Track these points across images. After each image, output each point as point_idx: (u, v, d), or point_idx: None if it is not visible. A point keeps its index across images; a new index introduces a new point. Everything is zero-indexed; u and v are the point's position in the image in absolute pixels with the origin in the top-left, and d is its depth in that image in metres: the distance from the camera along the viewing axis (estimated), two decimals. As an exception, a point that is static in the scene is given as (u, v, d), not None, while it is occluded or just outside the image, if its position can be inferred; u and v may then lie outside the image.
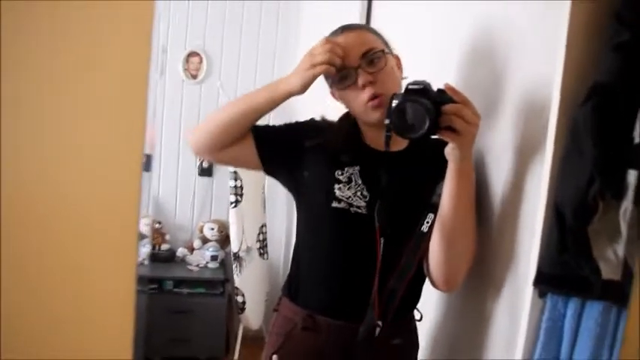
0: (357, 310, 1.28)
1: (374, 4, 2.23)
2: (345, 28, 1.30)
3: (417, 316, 1.41)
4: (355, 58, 1.24)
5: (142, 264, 3.00)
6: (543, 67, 1.06)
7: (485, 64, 1.30)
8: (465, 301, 1.37)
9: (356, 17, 2.23)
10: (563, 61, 0.96)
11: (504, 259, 1.19)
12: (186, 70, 3.58)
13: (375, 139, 1.32)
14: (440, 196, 1.21)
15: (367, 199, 1.28)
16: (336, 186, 1.29)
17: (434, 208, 1.23)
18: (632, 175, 0.89)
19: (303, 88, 1.24)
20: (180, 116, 3.60)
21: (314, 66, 1.21)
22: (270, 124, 1.42)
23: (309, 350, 1.35)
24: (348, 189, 1.29)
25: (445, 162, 1.16)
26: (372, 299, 1.26)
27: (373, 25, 2.16)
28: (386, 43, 1.33)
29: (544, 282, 1.03)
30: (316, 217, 1.36)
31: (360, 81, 1.24)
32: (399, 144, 1.31)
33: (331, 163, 1.32)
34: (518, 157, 1.16)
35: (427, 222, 1.25)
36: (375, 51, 1.26)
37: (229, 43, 3.61)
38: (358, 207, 1.28)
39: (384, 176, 1.24)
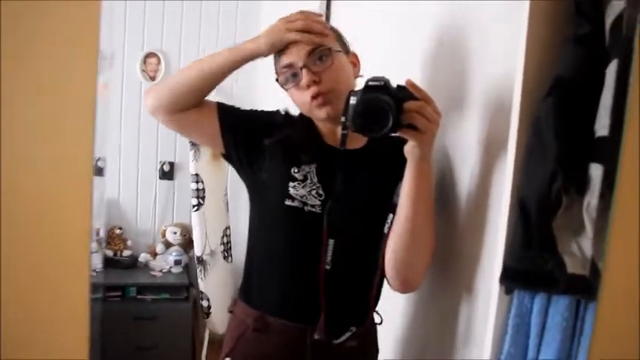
0: (309, 311, 1.26)
1: (333, 2, 2.21)
2: None
3: (377, 319, 1.38)
4: (302, 56, 1.23)
5: (96, 271, 2.94)
6: (505, 62, 1.06)
7: (448, 61, 1.30)
8: (432, 299, 1.37)
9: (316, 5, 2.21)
10: (524, 56, 0.95)
11: (470, 256, 1.18)
12: (144, 71, 3.50)
13: (333, 137, 1.31)
14: (399, 195, 1.19)
15: (322, 198, 1.26)
16: (291, 184, 1.27)
17: (394, 209, 1.20)
18: (594, 169, 0.89)
19: (271, 49, 1.24)
20: (139, 118, 3.51)
21: (289, 30, 1.20)
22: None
23: (260, 352, 1.32)
24: (303, 187, 1.26)
25: (403, 161, 1.14)
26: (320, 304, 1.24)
27: (332, 22, 2.14)
28: (340, 40, 1.31)
29: (510, 278, 1.02)
30: (269, 215, 1.34)
31: (304, 81, 1.22)
32: (357, 142, 1.29)
33: (288, 159, 1.29)
34: (482, 154, 1.15)
35: (387, 223, 1.22)
36: (322, 48, 1.23)
37: (187, 43, 3.54)
38: (312, 206, 1.26)
39: (339, 175, 1.22)
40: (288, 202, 1.27)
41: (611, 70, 0.83)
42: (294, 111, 1.37)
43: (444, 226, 1.27)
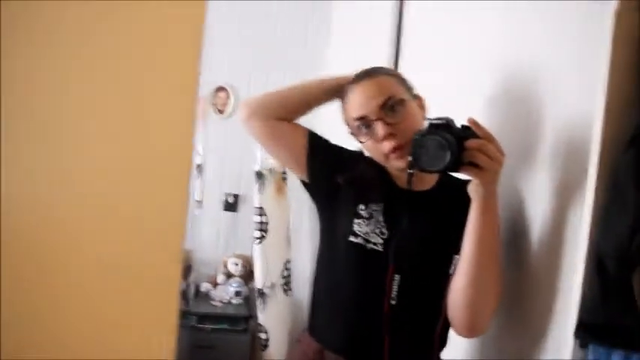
0: (368, 351, 1.27)
1: (403, 43, 2.23)
2: (366, 75, 1.31)
3: None
4: (374, 109, 1.25)
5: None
6: (582, 110, 1.05)
7: (521, 105, 1.30)
8: (503, 350, 1.34)
9: (385, 53, 2.24)
10: (604, 105, 0.94)
11: (544, 307, 1.15)
12: (213, 104, 3.61)
13: (402, 178, 1.31)
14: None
15: (385, 236, 1.27)
16: (356, 220, 1.29)
17: (459, 249, 1.20)
18: (677, 225, 0.87)
19: None
20: (207, 150, 3.62)
21: None
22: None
23: None
24: (367, 225, 1.28)
25: (467, 200, 1.14)
26: (384, 340, 1.24)
27: (402, 61, 2.17)
28: (408, 87, 1.32)
29: (585, 332, 1.00)
30: (334, 249, 1.36)
31: (381, 134, 1.23)
32: (426, 183, 1.31)
33: (356, 197, 1.32)
34: (557, 202, 1.13)
35: (453, 264, 1.21)
36: (395, 99, 1.25)
37: (256, 77, 3.63)
38: (375, 244, 1.27)
39: (404, 214, 1.23)
40: (351, 239, 1.29)
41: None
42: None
43: (517, 273, 1.25)
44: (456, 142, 1.06)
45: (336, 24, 3.52)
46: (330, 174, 1.35)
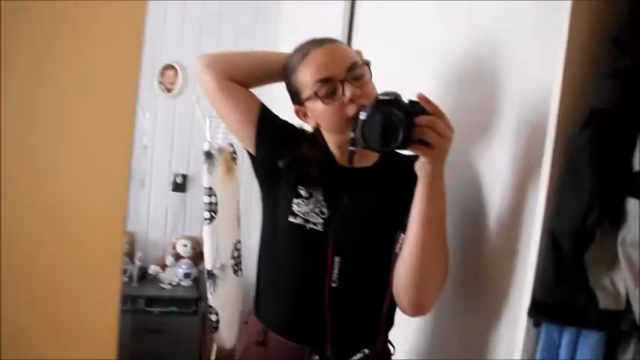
0: (310, 331, 1.25)
1: (357, 4, 2.19)
2: (326, 41, 1.26)
3: (390, 349, 1.35)
4: (342, 71, 1.19)
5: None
6: (540, 91, 1.04)
7: (479, 83, 1.29)
8: (455, 327, 1.34)
9: (338, 20, 2.20)
10: (561, 84, 0.94)
11: (498, 285, 1.16)
12: (160, 82, 3.50)
13: (344, 156, 1.25)
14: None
15: (325, 216, 1.24)
16: (295, 200, 1.26)
17: (405, 228, 1.16)
18: (631, 204, 0.87)
19: None
20: (155, 129, 3.52)
21: None
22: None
23: None
24: (307, 205, 1.25)
25: (412, 177, 1.10)
26: (326, 322, 1.23)
27: (355, 29, 2.14)
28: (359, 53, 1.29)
29: (539, 311, 1.00)
30: (274, 230, 1.33)
31: (348, 95, 1.17)
32: (368, 160, 1.27)
33: (297, 177, 1.28)
34: (514, 181, 1.13)
35: (398, 242, 1.18)
36: (358, 64, 1.21)
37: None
38: (315, 224, 1.24)
39: (345, 192, 1.20)
40: (291, 219, 1.26)
41: (653, 105, 0.82)
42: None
43: (473, 252, 1.25)
44: (406, 120, 1.01)
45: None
46: (276, 151, 1.31)
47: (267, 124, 1.34)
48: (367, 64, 1.24)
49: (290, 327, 1.30)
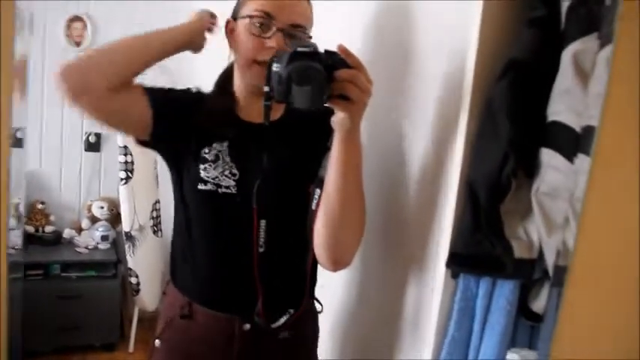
0: (238, 300, 1.21)
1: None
2: None
3: (317, 307, 1.34)
4: (287, 19, 1.14)
5: (15, 248, 2.78)
6: (457, 42, 1.03)
7: (396, 35, 1.26)
8: (378, 282, 1.35)
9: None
10: (478, 37, 0.93)
11: (418, 238, 1.16)
12: (68, 36, 3.28)
13: (249, 110, 1.22)
14: (326, 169, 1.10)
15: (236, 177, 1.18)
16: (202, 166, 1.18)
17: (321, 183, 1.12)
18: (545, 154, 0.88)
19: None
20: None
21: None
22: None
23: (188, 339, 1.26)
24: (215, 168, 1.18)
25: (326, 131, 1.05)
26: (255, 289, 1.18)
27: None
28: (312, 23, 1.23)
29: (457, 263, 1.02)
30: (186, 200, 1.25)
31: (273, 41, 1.12)
32: (273, 114, 1.14)
33: (198, 140, 1.20)
34: (433, 133, 1.13)
35: (315, 198, 1.14)
36: (304, 31, 1.16)
37: (117, 6, 3.33)
38: (227, 187, 1.18)
39: (257, 151, 1.15)
40: (201, 187, 1.18)
41: (567, 54, 0.82)
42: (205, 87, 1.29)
43: (391, 206, 1.25)
44: (327, 74, 0.94)
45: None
46: (175, 126, 1.21)
47: (160, 109, 1.20)
48: (310, 36, 1.18)
49: (217, 298, 1.24)
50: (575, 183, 0.82)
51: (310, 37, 1.18)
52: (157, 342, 1.30)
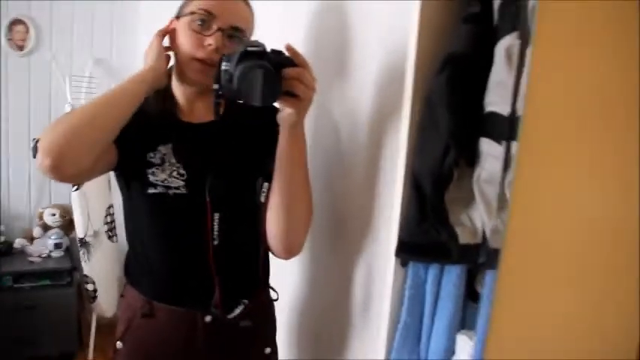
0: (196, 294, 1.24)
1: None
2: None
3: (273, 295, 1.37)
4: (227, 21, 1.17)
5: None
6: (397, 37, 1.06)
7: (338, 32, 1.29)
8: (329, 271, 1.38)
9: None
10: (417, 32, 0.96)
11: (367, 229, 1.20)
12: (10, 40, 3.19)
13: (189, 111, 1.25)
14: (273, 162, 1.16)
15: (185, 177, 1.20)
16: (149, 170, 1.20)
17: (268, 177, 1.18)
18: (484, 143, 0.92)
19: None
20: (7, 92, 3.22)
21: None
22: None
23: (150, 338, 1.28)
24: (162, 171, 1.20)
25: (271, 126, 1.11)
26: (211, 281, 1.22)
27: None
28: (253, 27, 1.26)
29: (405, 251, 1.05)
30: (136, 205, 1.26)
31: (213, 40, 1.15)
32: (211, 113, 1.16)
33: (142, 145, 1.21)
34: (376, 125, 1.16)
35: (263, 192, 1.19)
36: (242, 33, 1.19)
37: (59, 8, 3.26)
38: (177, 188, 1.20)
39: (201, 150, 1.19)
40: (151, 190, 1.20)
41: (500, 48, 0.86)
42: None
43: (340, 197, 1.28)
44: (275, 72, 1.00)
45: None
46: (124, 137, 1.15)
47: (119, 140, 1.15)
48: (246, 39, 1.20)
49: (176, 294, 1.26)
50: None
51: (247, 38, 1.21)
52: (119, 344, 1.31)
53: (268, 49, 1.03)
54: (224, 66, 1.02)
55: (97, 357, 3.16)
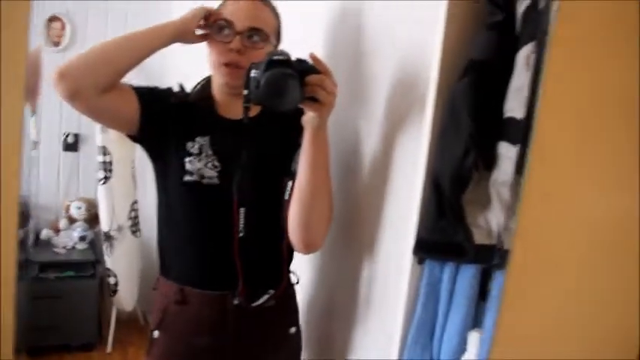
0: (226, 279, 1.30)
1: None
2: None
3: (293, 279, 1.43)
4: (244, 24, 1.26)
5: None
6: (421, 42, 1.10)
7: (361, 35, 1.33)
8: (343, 269, 1.42)
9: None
10: (442, 38, 1.00)
11: (382, 228, 1.24)
12: (48, 36, 3.29)
13: (227, 108, 1.33)
14: (297, 163, 1.24)
15: (219, 169, 1.29)
16: (187, 159, 1.29)
17: (293, 176, 1.26)
18: (503, 147, 0.96)
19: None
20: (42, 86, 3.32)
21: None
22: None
23: (183, 323, 1.36)
24: (199, 161, 1.29)
25: (297, 128, 1.19)
26: (236, 271, 1.29)
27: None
28: (279, 25, 1.34)
29: (423, 250, 1.09)
30: (171, 193, 1.35)
31: (234, 44, 1.25)
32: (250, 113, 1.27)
33: (183, 134, 1.31)
34: (398, 128, 1.20)
35: (287, 190, 1.27)
36: (262, 33, 1.28)
37: (95, 6, 3.36)
38: (210, 178, 1.29)
39: (236, 145, 1.25)
40: (187, 178, 1.29)
41: (521, 56, 0.90)
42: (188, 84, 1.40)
43: (356, 198, 1.33)
44: (300, 78, 1.08)
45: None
46: (161, 121, 1.31)
47: (148, 107, 1.30)
48: (268, 39, 1.29)
49: (206, 279, 1.35)
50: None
51: (271, 43, 1.31)
52: (156, 333, 1.38)
53: (293, 58, 1.11)
54: (252, 73, 1.11)
55: (115, 349, 3.23)
